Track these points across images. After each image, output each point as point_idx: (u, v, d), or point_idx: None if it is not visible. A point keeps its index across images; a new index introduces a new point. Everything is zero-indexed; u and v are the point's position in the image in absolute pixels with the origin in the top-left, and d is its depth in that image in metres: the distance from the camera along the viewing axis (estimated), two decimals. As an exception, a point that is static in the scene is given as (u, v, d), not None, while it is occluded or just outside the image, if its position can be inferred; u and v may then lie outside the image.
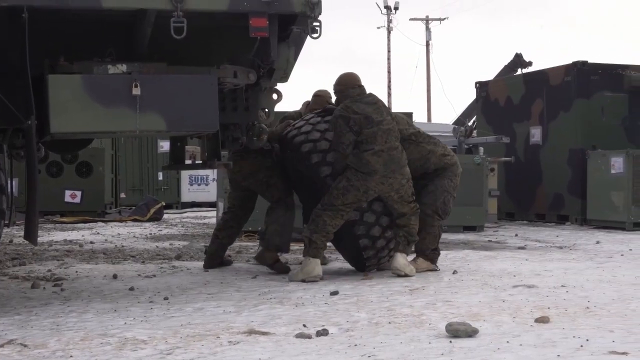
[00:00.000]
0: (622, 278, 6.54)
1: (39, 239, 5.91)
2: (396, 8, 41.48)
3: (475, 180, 11.28)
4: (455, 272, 6.90)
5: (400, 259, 6.62)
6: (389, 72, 41.00)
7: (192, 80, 5.35)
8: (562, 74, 13.18)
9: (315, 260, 6.51)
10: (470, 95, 25.29)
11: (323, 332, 4.44)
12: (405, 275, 6.56)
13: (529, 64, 16.60)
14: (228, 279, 6.76)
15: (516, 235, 11.18)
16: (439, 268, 7.08)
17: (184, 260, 8.16)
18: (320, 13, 5.57)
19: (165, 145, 17.86)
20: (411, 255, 6.99)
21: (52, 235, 11.27)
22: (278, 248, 7.09)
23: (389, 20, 41.67)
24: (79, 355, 4.02)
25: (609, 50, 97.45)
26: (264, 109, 6.23)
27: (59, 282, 6.57)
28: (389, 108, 7.04)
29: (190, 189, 19.19)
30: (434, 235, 7.05)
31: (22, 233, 7.65)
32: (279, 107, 6.44)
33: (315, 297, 5.71)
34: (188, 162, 7.38)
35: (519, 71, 16.38)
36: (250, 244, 9.52)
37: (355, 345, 4.16)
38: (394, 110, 9.13)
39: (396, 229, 6.69)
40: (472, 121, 16.16)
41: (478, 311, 5.00)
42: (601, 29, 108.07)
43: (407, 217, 6.66)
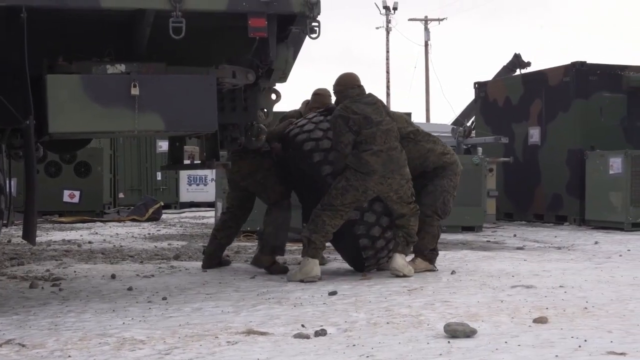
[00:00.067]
0: (621, 278, 6.54)
1: (37, 238, 5.90)
2: (395, 8, 41.51)
3: (473, 180, 11.28)
4: (453, 272, 6.90)
5: (399, 260, 6.62)
6: (387, 72, 41.03)
7: (191, 80, 5.35)
8: (561, 74, 13.18)
9: (313, 260, 6.51)
10: (469, 96, 25.30)
11: (321, 332, 4.44)
12: (403, 275, 6.56)
13: (528, 64, 16.61)
14: (226, 279, 6.76)
15: (515, 235, 11.19)
16: (437, 268, 7.08)
17: (182, 261, 8.16)
18: (319, 13, 5.58)
19: (164, 145, 17.84)
20: (410, 255, 6.99)
21: (51, 235, 11.27)
22: (273, 250, 7.09)
23: (388, 21, 41.71)
24: (77, 355, 4.02)
25: (609, 50, 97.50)
26: (263, 109, 6.23)
27: (58, 282, 6.57)
28: (388, 108, 7.02)
29: (189, 189, 19.20)
30: (433, 235, 7.05)
31: (20, 233, 7.65)
32: (277, 107, 6.44)
33: (313, 297, 5.71)
34: (187, 162, 7.39)
35: (517, 71, 16.39)
36: (248, 244, 9.52)
37: (354, 345, 4.16)
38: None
39: (395, 229, 6.69)
40: (470, 121, 16.16)
41: (476, 311, 5.00)
42: (601, 29, 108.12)
43: (406, 217, 6.66)
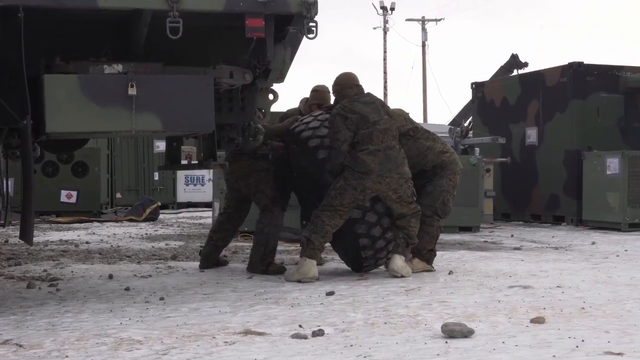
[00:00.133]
0: (618, 279, 6.55)
1: (34, 239, 5.90)
2: (392, 9, 41.54)
3: (471, 180, 11.28)
4: (451, 272, 6.90)
5: (398, 261, 6.61)
6: (385, 72, 41.04)
7: (188, 80, 5.35)
8: (558, 74, 13.19)
9: (311, 261, 6.50)
10: (466, 96, 25.27)
11: (319, 333, 4.44)
12: (402, 276, 6.56)
13: (525, 64, 16.62)
14: (224, 279, 6.76)
15: (512, 235, 11.20)
16: (434, 269, 7.09)
17: (179, 261, 8.16)
18: (316, 13, 5.57)
19: (161, 146, 17.85)
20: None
21: (48, 235, 11.26)
22: (264, 258, 7.08)
23: (385, 21, 41.73)
24: (74, 356, 4.02)
25: (609, 50, 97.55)
26: (261, 110, 6.22)
27: (55, 282, 6.56)
28: (388, 106, 7.00)
29: (186, 189, 19.19)
30: (432, 235, 7.05)
31: (17, 233, 7.63)
32: (275, 107, 6.44)
33: (311, 297, 5.71)
34: (184, 162, 7.38)
35: (515, 72, 16.40)
36: (246, 244, 9.51)
37: (351, 345, 4.16)
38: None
39: (396, 230, 6.68)
40: (468, 122, 16.16)
41: (474, 312, 5.01)
42: (601, 29, 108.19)
43: (407, 218, 6.65)
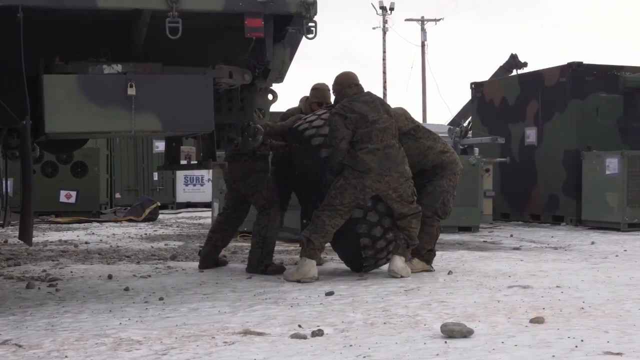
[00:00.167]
0: (617, 279, 6.55)
1: (33, 239, 5.90)
2: (392, 9, 41.55)
3: (470, 180, 11.28)
4: (450, 272, 6.90)
5: (399, 262, 6.61)
6: (384, 72, 41.05)
7: (188, 80, 5.35)
8: (557, 75, 13.19)
9: (311, 261, 6.50)
10: (466, 96, 25.27)
11: (318, 333, 4.44)
12: (401, 277, 6.56)
13: (524, 64, 16.62)
14: (223, 279, 6.76)
15: (511, 235, 11.20)
16: (434, 269, 7.09)
17: (179, 261, 8.16)
18: (315, 13, 5.57)
19: (160, 146, 17.85)
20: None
21: (47, 235, 11.26)
22: (261, 260, 7.08)
23: (384, 21, 41.74)
24: (73, 356, 4.02)
25: (609, 50, 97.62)
26: (260, 110, 6.22)
27: (54, 283, 6.56)
28: (388, 105, 6.99)
29: (186, 189, 19.19)
30: (432, 235, 7.05)
31: (17, 233, 7.63)
32: (274, 107, 6.44)
33: (310, 297, 5.71)
34: (183, 162, 7.38)
35: (514, 72, 16.40)
36: (245, 245, 9.51)
37: (351, 345, 4.16)
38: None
39: (396, 231, 6.68)
40: (467, 122, 16.17)
41: (473, 312, 5.01)
42: (601, 29, 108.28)
43: (407, 219, 6.65)
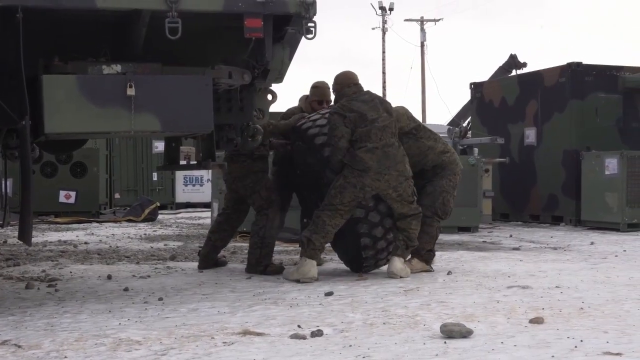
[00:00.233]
0: (616, 279, 6.55)
1: (33, 239, 5.89)
2: (391, 9, 41.59)
3: (469, 181, 11.28)
4: (449, 272, 6.90)
5: (398, 264, 6.61)
6: (383, 73, 41.10)
7: (187, 80, 5.34)
8: (557, 75, 13.19)
9: (311, 261, 6.50)
10: (465, 96, 25.27)
11: (318, 333, 4.44)
12: (400, 278, 6.56)
13: (524, 65, 16.63)
14: (222, 279, 6.75)
15: (510, 236, 11.20)
16: (433, 269, 7.09)
17: (178, 261, 8.16)
18: (315, 14, 5.56)
19: (159, 146, 17.86)
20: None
21: (47, 235, 11.26)
22: (259, 261, 7.07)
23: (384, 21, 41.77)
24: (73, 356, 4.02)
25: (609, 50, 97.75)
26: (259, 110, 6.22)
27: (53, 283, 6.56)
28: (389, 104, 6.95)
29: (185, 189, 19.19)
30: (432, 235, 7.04)
31: (16, 233, 7.62)
32: (274, 108, 6.44)
33: (309, 297, 5.71)
34: (183, 162, 7.37)
35: (513, 72, 16.40)
36: (245, 245, 9.50)
37: (350, 346, 4.16)
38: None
39: (396, 232, 6.67)
40: (466, 122, 16.17)
41: (472, 312, 5.01)
42: (601, 29, 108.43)
43: (407, 220, 6.64)
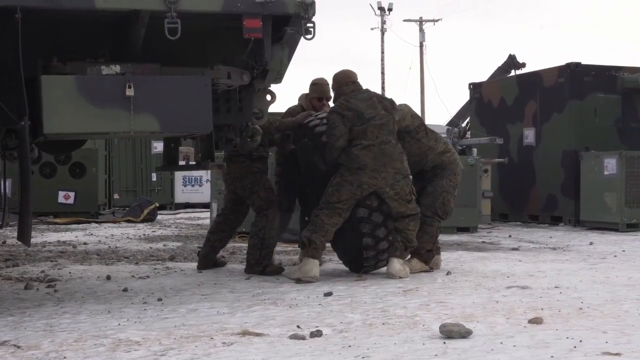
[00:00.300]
0: (615, 279, 6.55)
1: (32, 240, 5.89)
2: (390, 9, 41.58)
3: (468, 181, 11.27)
4: (449, 273, 6.90)
5: (396, 264, 6.61)
6: (382, 73, 41.08)
7: (186, 81, 5.34)
8: (556, 75, 13.20)
9: (313, 261, 6.49)
10: (464, 97, 25.32)
11: (317, 333, 4.44)
12: (400, 278, 6.56)
13: (523, 65, 16.64)
14: (222, 280, 6.75)
15: (510, 236, 11.20)
16: (432, 269, 7.09)
17: (177, 262, 8.16)
18: (314, 14, 5.57)
19: (158, 146, 17.85)
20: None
21: (46, 236, 11.25)
22: (259, 262, 7.07)
23: (383, 22, 41.76)
24: (72, 357, 4.02)
25: (609, 50, 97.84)
26: (258, 110, 6.22)
27: (53, 283, 6.56)
28: (392, 102, 6.90)
29: (184, 190, 19.18)
30: (432, 235, 7.04)
31: (15, 234, 7.62)
32: (273, 108, 6.44)
33: (309, 298, 5.71)
34: (182, 163, 7.37)
35: (512, 72, 16.40)
36: (244, 245, 9.51)
37: (349, 346, 4.16)
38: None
39: (394, 233, 6.67)
40: (465, 122, 16.18)
41: (472, 312, 5.01)
42: (601, 29, 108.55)
43: (405, 221, 6.64)
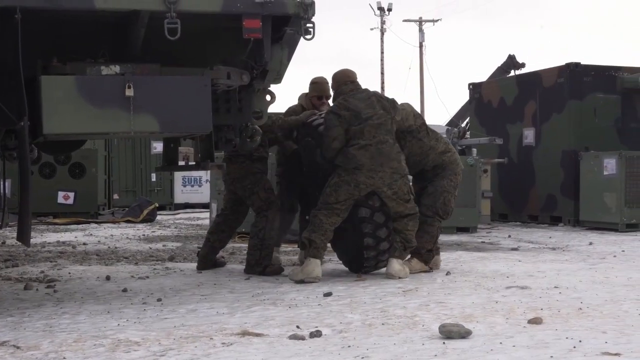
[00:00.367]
0: (615, 279, 6.55)
1: (31, 240, 5.89)
2: (389, 9, 41.62)
3: (468, 181, 11.26)
4: (448, 273, 6.90)
5: (396, 265, 6.61)
6: (382, 73, 41.10)
7: (186, 81, 5.34)
8: (555, 75, 13.20)
9: (315, 261, 6.49)
10: (464, 97, 25.31)
11: (316, 334, 4.44)
12: (399, 279, 6.56)
13: (522, 65, 16.64)
14: (221, 280, 6.75)
15: (509, 236, 11.20)
16: (432, 269, 7.09)
17: (177, 262, 8.16)
18: (313, 14, 5.57)
19: (158, 147, 17.84)
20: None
21: (45, 236, 11.25)
22: (259, 262, 7.07)
23: (382, 22, 41.77)
24: (71, 357, 4.02)
25: (609, 50, 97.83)
26: (259, 110, 6.23)
27: (52, 284, 6.56)
28: (394, 101, 6.89)
29: (184, 190, 19.17)
30: (432, 235, 7.04)
31: (14, 234, 7.62)
32: (273, 108, 6.44)
33: (308, 298, 5.71)
34: (181, 163, 7.38)
35: (512, 72, 16.40)
36: (243, 246, 9.51)
37: (349, 346, 4.16)
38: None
39: (393, 233, 6.67)
40: (465, 122, 16.18)
41: (471, 312, 5.01)
42: (601, 29, 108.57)
43: (404, 221, 6.64)
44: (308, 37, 5.64)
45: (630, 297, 5.59)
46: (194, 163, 6.59)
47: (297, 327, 4.66)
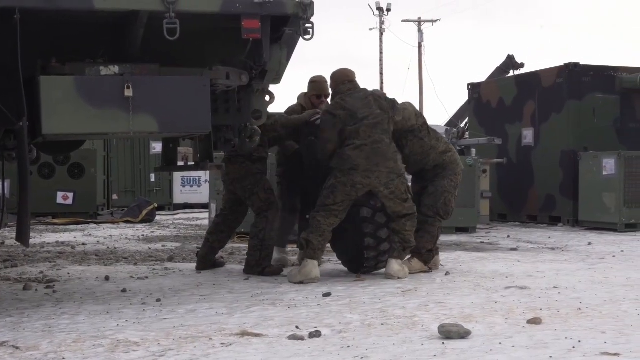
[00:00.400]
0: (614, 279, 6.56)
1: (31, 240, 5.89)
2: (388, 10, 41.61)
3: (467, 181, 11.25)
4: (447, 273, 6.90)
5: (395, 265, 6.61)
6: (381, 73, 41.09)
7: (185, 81, 5.34)
8: (554, 75, 13.20)
9: (313, 262, 6.49)
10: (463, 97, 25.31)
11: (316, 334, 4.44)
12: (398, 279, 6.56)
13: (521, 65, 16.65)
14: (220, 280, 6.75)
15: (508, 236, 11.20)
16: (431, 270, 7.09)
17: (176, 262, 8.15)
18: (312, 15, 5.57)
19: (157, 147, 17.83)
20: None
21: (44, 237, 11.24)
22: (259, 263, 7.07)
23: (381, 22, 41.77)
24: (71, 357, 4.02)
25: (608, 50, 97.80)
26: (257, 111, 6.22)
27: (51, 284, 6.56)
28: (394, 101, 6.88)
29: (183, 190, 19.16)
30: (433, 235, 7.04)
31: (14, 235, 7.62)
32: (272, 108, 6.44)
33: (307, 298, 5.71)
34: (180, 163, 7.37)
35: (511, 73, 16.40)
36: (243, 246, 9.51)
37: (348, 346, 4.17)
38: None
39: (392, 234, 6.67)
40: (464, 123, 16.18)
41: (470, 312, 5.01)
42: (601, 29, 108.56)
43: (402, 221, 6.63)
44: (307, 37, 5.64)
45: (629, 297, 5.60)
46: (193, 163, 6.59)
47: (297, 327, 4.66)
